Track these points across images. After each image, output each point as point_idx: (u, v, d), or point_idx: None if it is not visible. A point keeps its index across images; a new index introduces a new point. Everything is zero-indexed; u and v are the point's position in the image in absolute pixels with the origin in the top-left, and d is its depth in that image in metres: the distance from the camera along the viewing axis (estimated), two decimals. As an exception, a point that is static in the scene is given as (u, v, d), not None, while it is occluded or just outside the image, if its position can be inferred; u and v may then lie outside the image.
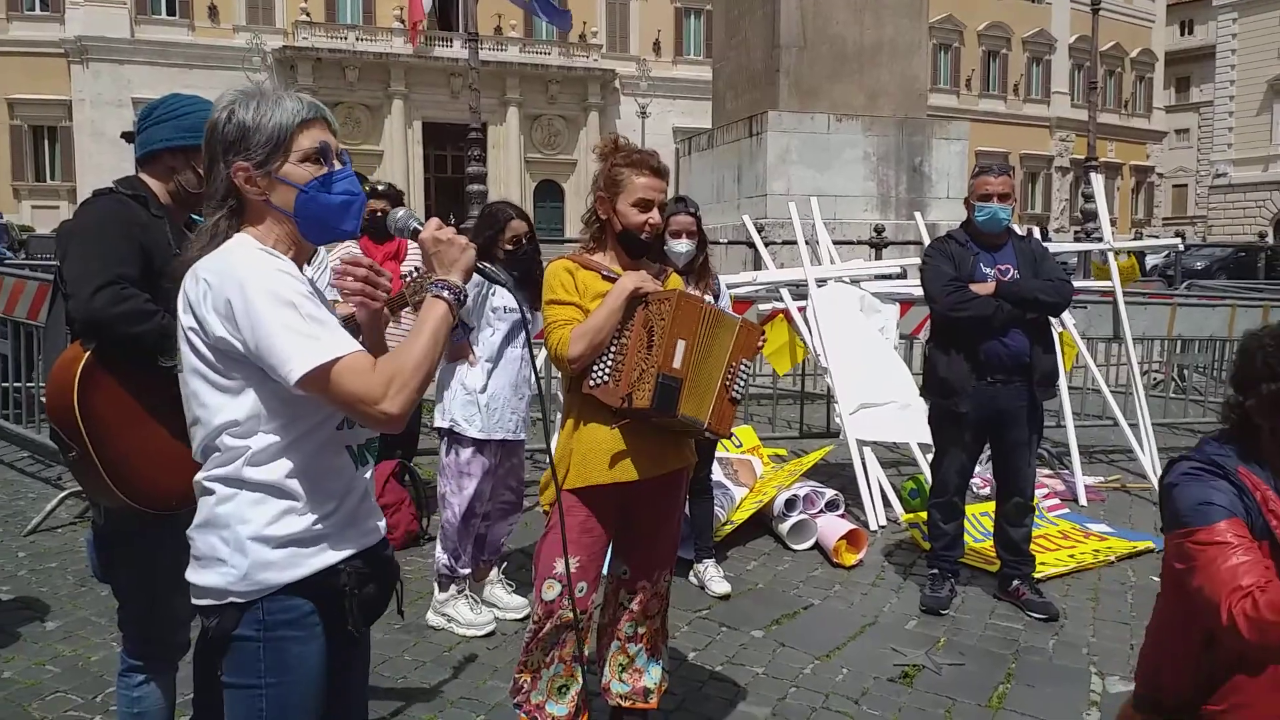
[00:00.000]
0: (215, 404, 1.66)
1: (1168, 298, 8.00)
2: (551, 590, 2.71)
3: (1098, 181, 6.98)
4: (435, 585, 3.99)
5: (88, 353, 2.21)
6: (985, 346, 4.01)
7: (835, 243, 6.89)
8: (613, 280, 2.72)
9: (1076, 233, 20.37)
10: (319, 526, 1.69)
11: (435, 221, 1.82)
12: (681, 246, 4.04)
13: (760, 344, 2.76)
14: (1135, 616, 4.19)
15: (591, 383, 2.65)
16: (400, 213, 1.87)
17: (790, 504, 5.09)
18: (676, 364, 2.57)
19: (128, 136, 2.65)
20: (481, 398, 3.83)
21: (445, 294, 1.73)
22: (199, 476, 1.71)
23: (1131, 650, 3.83)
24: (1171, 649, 2.16)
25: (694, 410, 2.61)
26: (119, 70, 35.10)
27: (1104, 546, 5.12)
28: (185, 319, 1.66)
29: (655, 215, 2.71)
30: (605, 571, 2.96)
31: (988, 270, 4.09)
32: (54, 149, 35.70)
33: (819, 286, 6.03)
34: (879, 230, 10.31)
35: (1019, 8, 47.43)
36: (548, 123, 41.31)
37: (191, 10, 36.61)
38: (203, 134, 2.02)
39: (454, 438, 3.89)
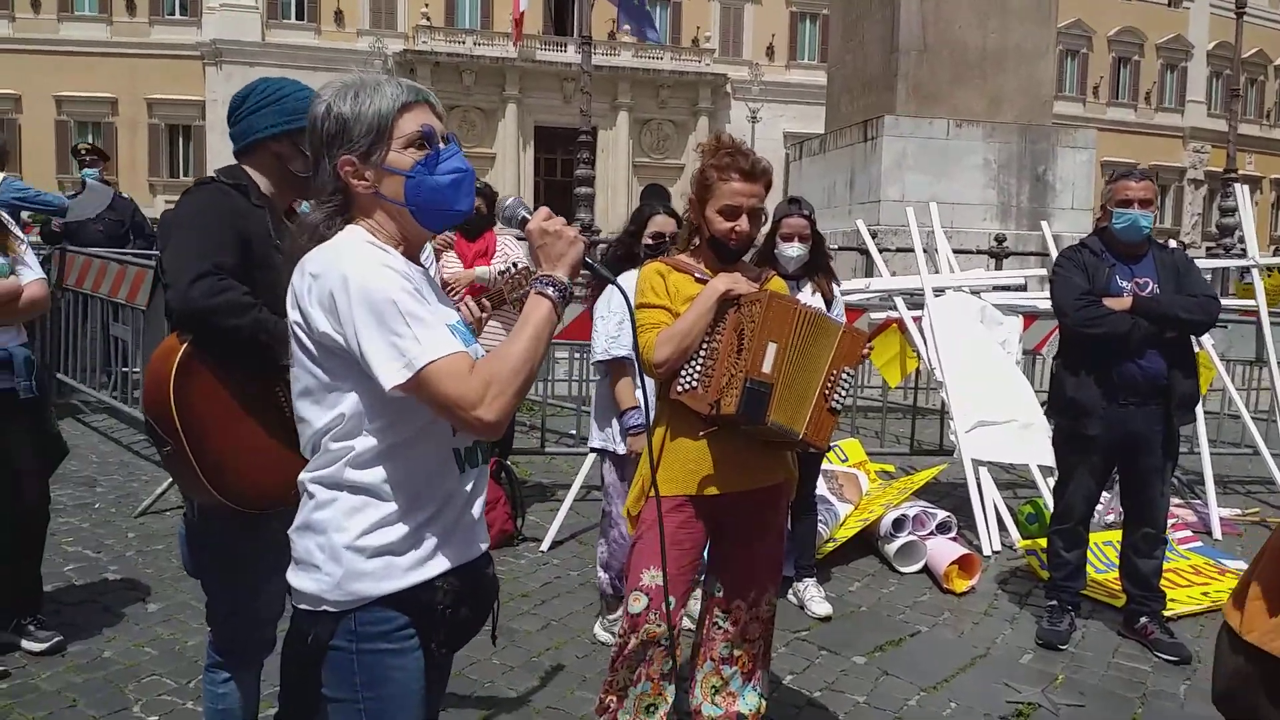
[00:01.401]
0: (321, 402, 1.60)
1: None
2: (638, 603, 2.58)
3: (1242, 192, 6.47)
4: (602, 604, 3.89)
5: (185, 344, 2.17)
6: (1119, 367, 3.71)
7: (953, 251, 6.60)
8: (705, 283, 2.59)
9: (1210, 248, 19.25)
10: (417, 537, 1.60)
11: (544, 211, 1.71)
12: (793, 250, 3.87)
13: (866, 352, 2.57)
14: (1279, 666, 3.82)
15: (680, 388, 2.52)
16: (510, 200, 1.78)
17: (899, 524, 4.84)
18: (766, 368, 2.42)
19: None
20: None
21: (550, 291, 1.62)
22: (302, 476, 1.65)
23: (1276, 703, 3.49)
24: None
25: (787, 419, 2.44)
26: (249, 72, 36.56)
27: (1242, 586, 4.72)
28: (293, 314, 1.60)
29: (743, 223, 2.57)
30: (701, 589, 2.82)
31: (1124, 283, 3.79)
32: (188, 147, 37.55)
33: (936, 296, 5.75)
34: (999, 240, 9.91)
35: (1153, 12, 45.31)
36: (657, 127, 41.37)
37: (319, 14, 37.98)
38: (303, 117, 1.97)
39: (615, 458, 3.76)
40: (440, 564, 1.63)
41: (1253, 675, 1.71)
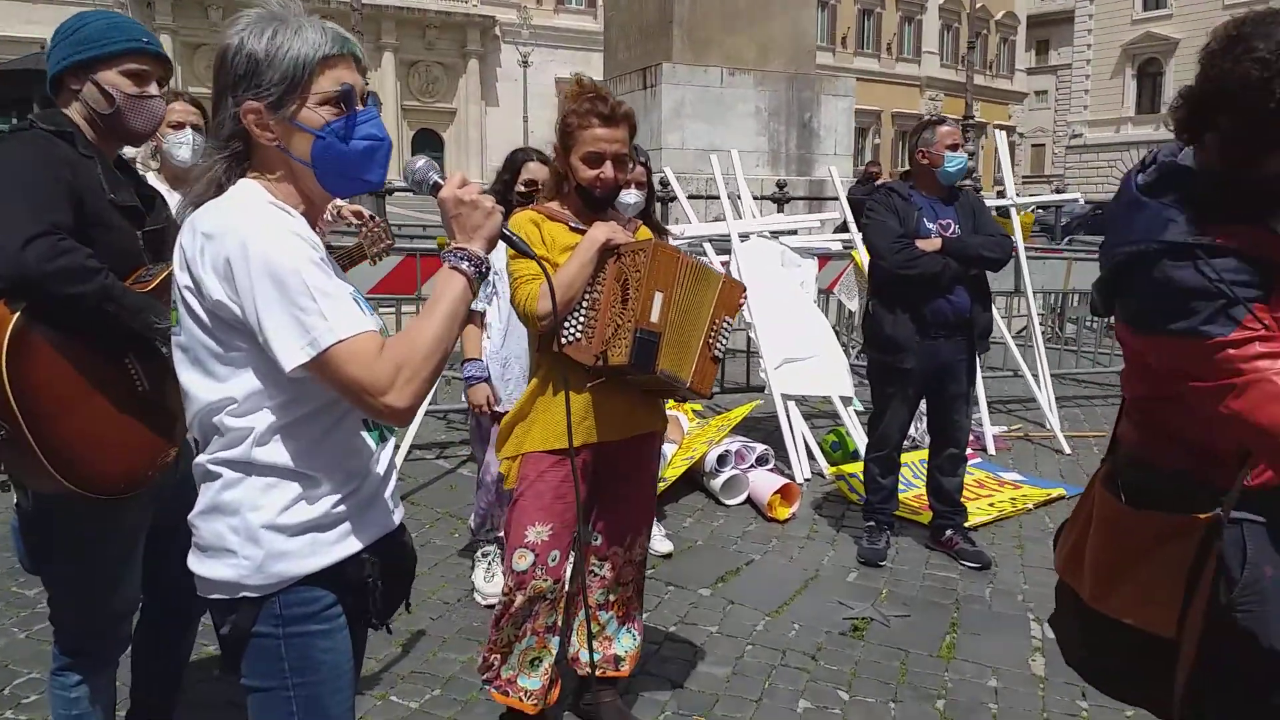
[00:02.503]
0: (213, 377, 1.45)
1: (1059, 252, 8.28)
2: (524, 560, 2.56)
3: (1001, 138, 7.10)
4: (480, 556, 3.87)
5: (16, 315, 1.90)
6: (931, 304, 4.01)
7: (734, 197, 6.81)
8: (581, 232, 2.56)
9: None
10: (339, 510, 1.51)
11: (459, 176, 1.60)
12: (630, 198, 3.86)
13: (742, 301, 2.64)
14: (1059, 562, 4.33)
15: (564, 339, 2.49)
16: (419, 162, 1.63)
17: (722, 459, 5.05)
18: (654, 318, 2.43)
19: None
20: (495, 368, 3.63)
21: (465, 265, 1.53)
22: (201, 459, 1.50)
23: (1062, 595, 3.96)
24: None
25: (674, 366, 2.48)
26: None
27: (1019, 495, 5.28)
28: (181, 276, 1.44)
29: (608, 170, 2.55)
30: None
31: (930, 225, 4.08)
32: None
33: (742, 241, 5.96)
34: (781, 185, 10.34)
35: (893, -33, 48.36)
36: (425, 69, 39.97)
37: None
38: (98, 44, 1.77)
39: (471, 406, 3.69)
40: (365, 536, 1.56)
41: (1117, 643, 1.76)
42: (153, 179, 3.21)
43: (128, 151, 2.79)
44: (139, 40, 2.14)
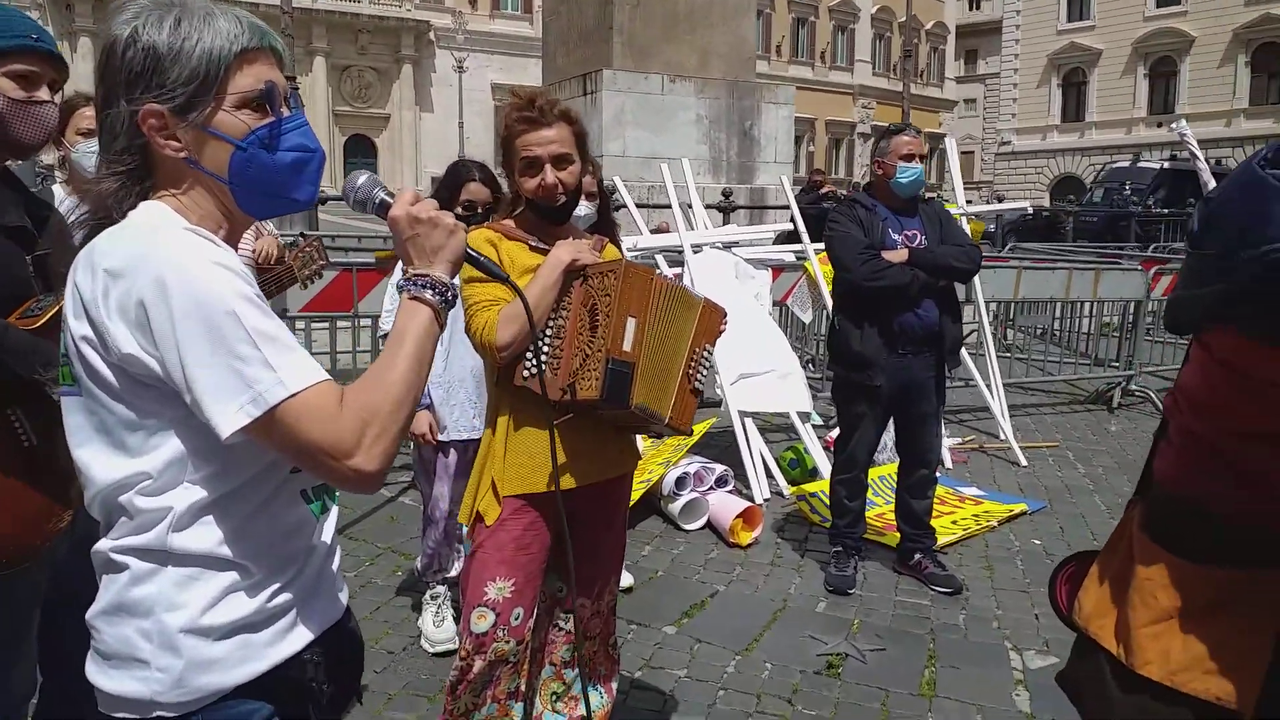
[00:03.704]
0: (121, 449, 1.17)
1: (1006, 261, 8.24)
2: (484, 621, 2.28)
3: (952, 147, 7.01)
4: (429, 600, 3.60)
5: None
6: (899, 317, 3.83)
7: (684, 206, 6.59)
8: (543, 252, 2.31)
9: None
10: (276, 603, 1.24)
11: (410, 193, 1.36)
12: (583, 210, 3.63)
13: (723, 327, 2.41)
14: (1030, 583, 4.19)
15: (526, 373, 2.23)
16: (361, 178, 1.38)
17: (680, 482, 4.82)
18: (627, 346, 2.18)
19: None
20: (437, 393, 3.34)
21: (428, 295, 1.30)
22: (103, 546, 1.22)
23: (1037, 620, 3.81)
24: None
25: (650, 400, 2.23)
26: None
27: (981, 511, 5.15)
28: (76, 325, 1.16)
29: (548, 175, 2.29)
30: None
31: (896, 236, 3.90)
32: None
33: (694, 253, 5.75)
34: (727, 194, 10.19)
35: (825, -24, 48.86)
36: (358, 74, 39.18)
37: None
38: None
39: (412, 435, 3.37)
40: (306, 631, 1.29)
41: (1167, 716, 1.51)
42: (59, 191, 2.88)
43: (44, 159, 2.46)
44: (25, 37, 1.84)
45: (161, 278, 1.10)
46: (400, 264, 3.15)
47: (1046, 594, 1.87)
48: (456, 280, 1.42)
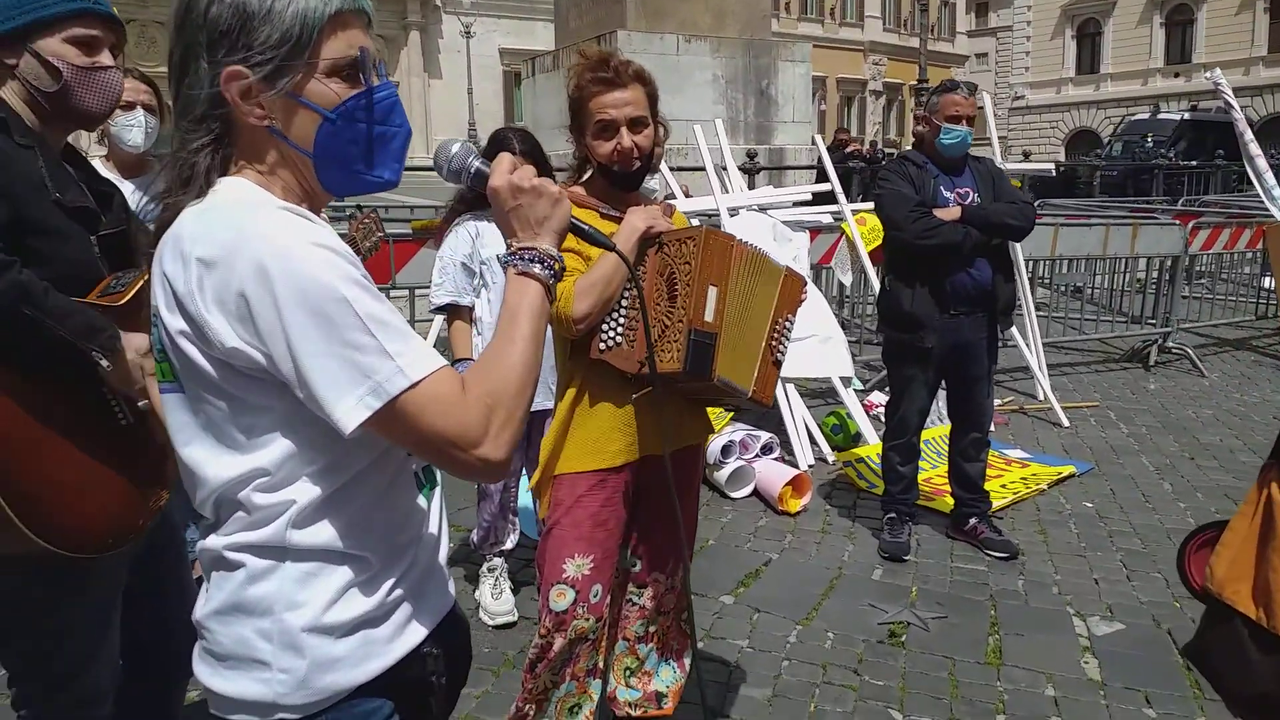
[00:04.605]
0: (233, 447, 1.10)
1: (1041, 218, 8.08)
2: (563, 599, 2.23)
3: (988, 104, 6.85)
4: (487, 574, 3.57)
5: None
6: (952, 277, 3.73)
7: (698, 169, 6.47)
8: (615, 219, 2.23)
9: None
10: (393, 596, 1.19)
11: (508, 160, 1.26)
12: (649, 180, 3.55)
13: (804, 296, 2.33)
14: (1085, 547, 4.13)
15: (602, 345, 2.16)
16: (455, 146, 1.29)
17: (726, 450, 4.76)
18: (709, 316, 2.11)
19: None
20: None
21: (536, 269, 1.22)
22: (214, 543, 1.15)
23: (1097, 585, 3.74)
24: None
25: (732, 372, 2.16)
26: None
27: (1029, 474, 5.08)
28: (170, 319, 1.07)
29: (625, 139, 2.21)
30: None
31: (948, 194, 3.80)
32: None
33: (731, 216, 5.65)
34: (751, 155, 10.04)
35: (834, -71, 48.04)
36: (364, 42, 38.80)
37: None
38: (33, 5, 1.43)
39: None
40: (425, 622, 1.25)
41: None
42: (99, 167, 2.80)
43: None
44: None
45: (262, 264, 1.01)
46: (449, 234, 3.09)
47: (1103, 559, 1.81)
48: (486, 246, 1.33)
